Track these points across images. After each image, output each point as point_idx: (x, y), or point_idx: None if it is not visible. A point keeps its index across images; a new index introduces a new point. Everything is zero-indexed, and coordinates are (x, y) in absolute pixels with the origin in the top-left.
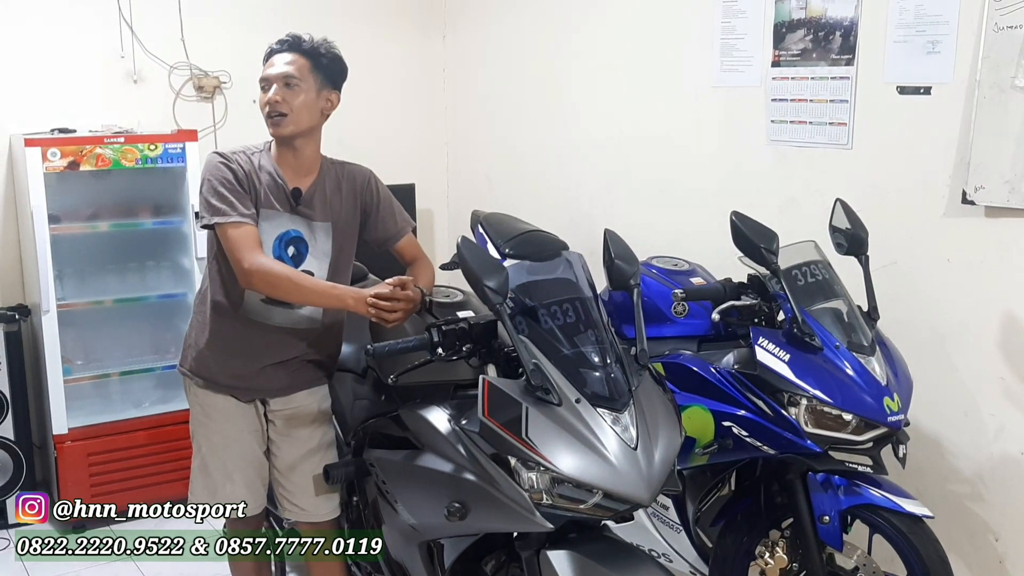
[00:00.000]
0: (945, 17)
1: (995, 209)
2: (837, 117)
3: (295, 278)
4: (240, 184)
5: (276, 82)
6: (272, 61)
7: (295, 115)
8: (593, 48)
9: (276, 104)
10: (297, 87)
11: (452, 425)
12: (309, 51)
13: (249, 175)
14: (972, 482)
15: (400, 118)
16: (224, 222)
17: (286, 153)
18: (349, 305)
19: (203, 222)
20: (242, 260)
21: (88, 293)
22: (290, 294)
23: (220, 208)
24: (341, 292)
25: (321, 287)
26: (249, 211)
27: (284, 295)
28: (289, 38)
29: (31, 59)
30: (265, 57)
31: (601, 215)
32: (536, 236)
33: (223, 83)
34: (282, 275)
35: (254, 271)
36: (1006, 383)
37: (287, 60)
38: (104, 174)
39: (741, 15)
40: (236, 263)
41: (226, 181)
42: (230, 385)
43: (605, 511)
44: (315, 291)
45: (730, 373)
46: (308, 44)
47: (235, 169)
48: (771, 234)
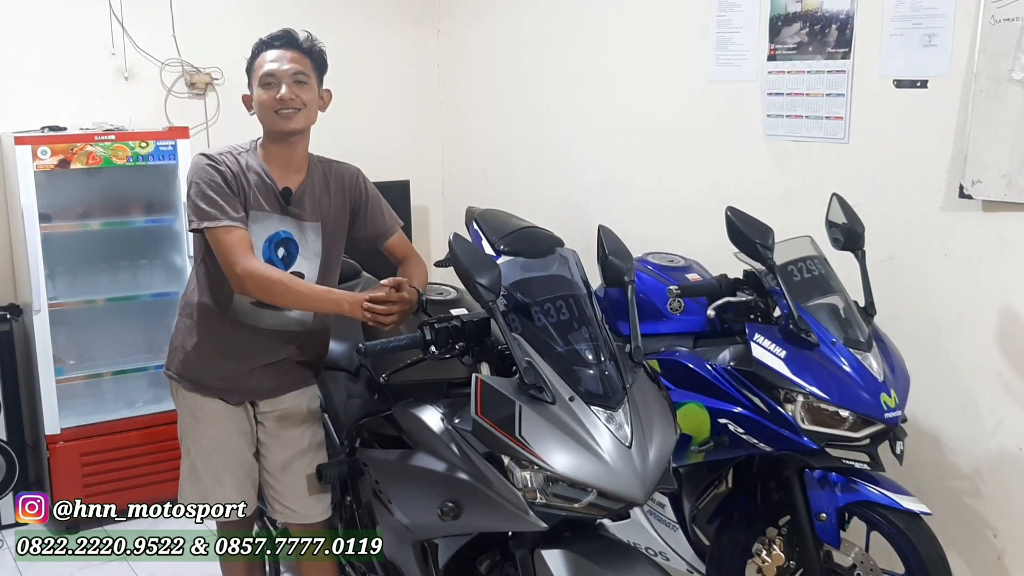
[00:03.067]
0: (941, 10)
1: (992, 203)
2: (833, 111)
3: (290, 283)
4: (229, 186)
5: (285, 78)
6: (271, 57)
7: (308, 110)
8: (588, 42)
9: (291, 100)
10: (306, 83)
11: (445, 424)
12: (308, 49)
13: (237, 176)
14: (970, 478)
15: (394, 114)
16: (214, 227)
17: (277, 151)
18: (345, 310)
19: (192, 226)
20: (235, 265)
21: (80, 292)
22: (284, 299)
23: (209, 212)
24: (337, 297)
25: (317, 292)
26: (239, 214)
27: (279, 300)
28: (284, 34)
29: (21, 56)
30: (255, 51)
31: (596, 211)
32: (530, 232)
33: (215, 80)
34: (276, 280)
35: (248, 276)
36: (1004, 378)
37: (291, 57)
38: (95, 172)
39: (737, 8)
40: (228, 268)
41: (214, 184)
42: (219, 387)
43: (600, 510)
44: (310, 296)
45: (726, 370)
46: (307, 42)
47: (223, 171)
48: (767, 229)
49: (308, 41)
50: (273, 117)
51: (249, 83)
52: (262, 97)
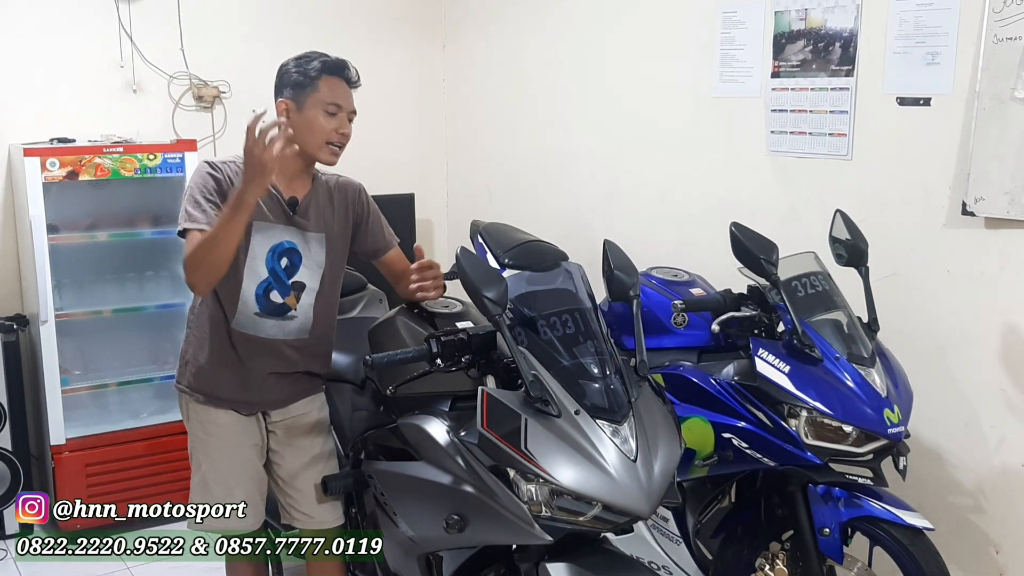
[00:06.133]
0: (945, 28)
1: (995, 220)
2: (837, 128)
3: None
4: (221, 193)
5: (348, 114)
6: (338, 87)
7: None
8: (593, 58)
9: (346, 137)
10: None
11: (451, 437)
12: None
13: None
14: (973, 494)
15: (400, 128)
16: (192, 227)
17: (291, 164)
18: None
19: (178, 229)
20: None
21: (86, 303)
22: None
23: (193, 215)
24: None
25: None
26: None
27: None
28: (346, 67)
29: (30, 69)
30: (319, 70)
31: (601, 225)
32: (535, 246)
33: (223, 93)
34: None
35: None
36: (1007, 395)
37: (351, 95)
38: (103, 184)
39: (741, 26)
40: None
41: (206, 189)
42: (232, 399)
43: (604, 523)
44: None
45: (730, 384)
46: (358, 83)
47: (220, 178)
48: (771, 245)
49: (359, 83)
50: (324, 147)
51: (297, 96)
52: (323, 123)
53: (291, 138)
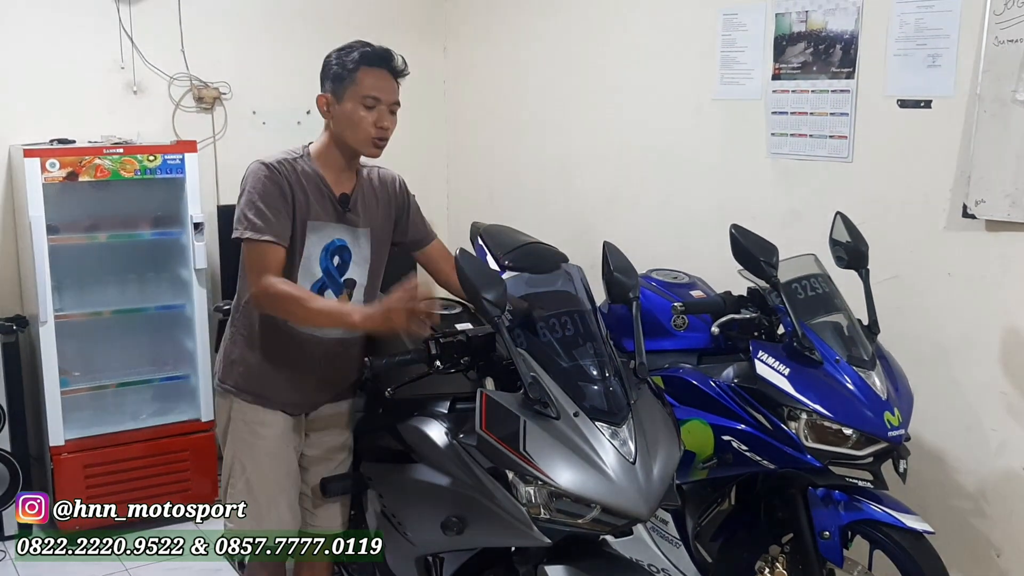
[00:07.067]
0: (946, 31)
1: (996, 223)
2: (837, 130)
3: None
4: (284, 198)
5: (390, 107)
6: (378, 78)
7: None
8: (593, 61)
9: (387, 130)
10: (396, 115)
11: (450, 439)
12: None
13: (294, 187)
14: (974, 497)
15: (400, 130)
16: (256, 238)
17: (337, 160)
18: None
19: (235, 234)
20: (257, 282)
21: (86, 304)
22: (296, 315)
23: (255, 223)
24: (349, 309)
25: (329, 306)
26: (284, 232)
27: (292, 317)
28: (390, 56)
29: (31, 69)
30: (358, 61)
31: (601, 227)
32: (535, 248)
33: (223, 94)
34: (287, 296)
35: (263, 294)
36: (1008, 398)
37: (394, 87)
38: (103, 185)
39: (742, 28)
40: (251, 282)
41: (268, 195)
42: (282, 400)
43: (603, 526)
44: (320, 311)
45: (730, 387)
46: (404, 72)
47: (281, 183)
48: (771, 247)
49: (405, 72)
50: (366, 142)
51: (336, 88)
52: (361, 116)
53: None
